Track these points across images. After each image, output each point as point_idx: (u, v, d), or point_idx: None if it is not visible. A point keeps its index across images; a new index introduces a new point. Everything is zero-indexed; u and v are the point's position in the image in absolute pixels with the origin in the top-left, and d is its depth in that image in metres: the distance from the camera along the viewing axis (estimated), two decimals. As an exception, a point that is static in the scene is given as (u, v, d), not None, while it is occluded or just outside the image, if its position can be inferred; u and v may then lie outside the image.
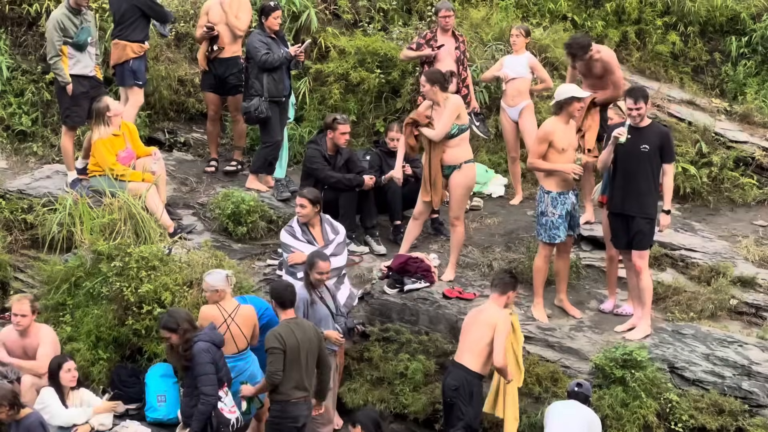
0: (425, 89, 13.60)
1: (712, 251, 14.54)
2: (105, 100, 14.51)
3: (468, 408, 11.69)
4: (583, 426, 11.32)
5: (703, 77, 18.12)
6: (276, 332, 11.31)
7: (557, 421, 11.36)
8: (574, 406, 11.46)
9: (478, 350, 11.72)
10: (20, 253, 14.57)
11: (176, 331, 11.25)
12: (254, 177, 15.46)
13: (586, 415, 11.43)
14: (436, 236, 14.88)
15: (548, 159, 12.97)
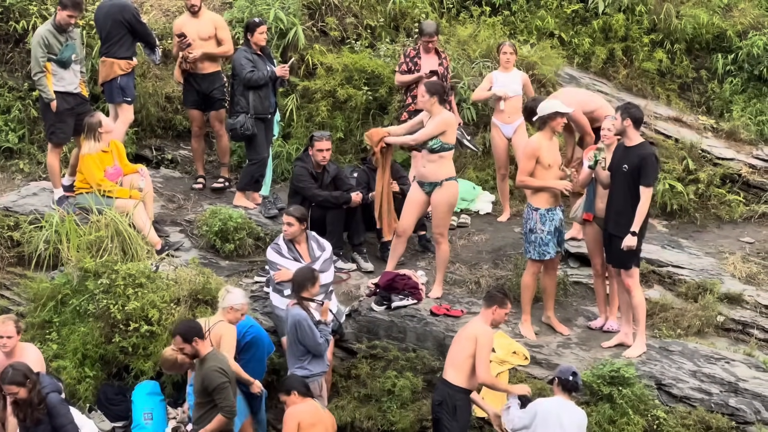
0: (423, 99, 13.57)
1: (699, 268, 14.56)
2: (98, 116, 14.51)
3: (453, 422, 11.66)
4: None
5: (690, 94, 18.16)
6: (215, 367, 11.27)
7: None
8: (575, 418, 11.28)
9: (459, 363, 11.68)
10: (6, 271, 14.52)
11: (25, 384, 10.92)
12: (241, 194, 15.44)
13: None
14: (423, 253, 14.87)
15: (535, 175, 13.00)
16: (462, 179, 15.71)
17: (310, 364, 12.09)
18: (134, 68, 15.50)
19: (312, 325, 12.01)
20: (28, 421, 10.87)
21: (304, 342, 11.97)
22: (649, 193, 12.47)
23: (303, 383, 11.67)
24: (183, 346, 11.30)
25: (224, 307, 12.22)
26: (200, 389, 11.35)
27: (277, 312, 13.14)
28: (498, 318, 11.86)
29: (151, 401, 12.95)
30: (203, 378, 11.28)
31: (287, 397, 11.59)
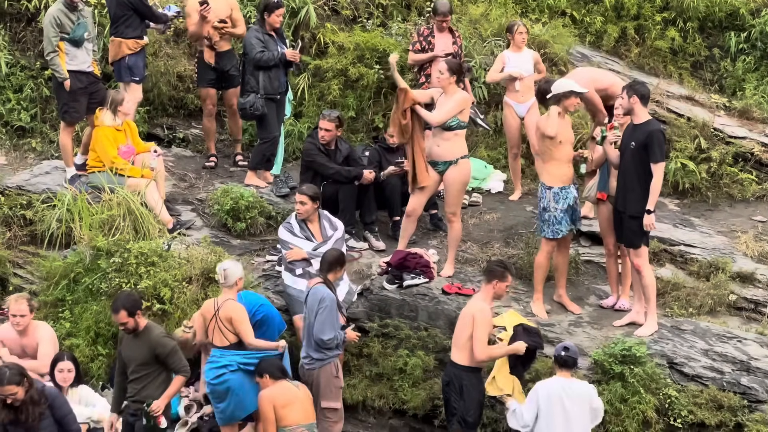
0: (443, 77, 13.52)
1: (711, 247, 14.55)
2: (124, 95, 14.58)
3: (460, 402, 11.69)
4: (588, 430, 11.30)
5: (702, 73, 18.12)
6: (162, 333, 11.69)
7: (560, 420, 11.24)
8: (576, 397, 11.27)
9: (461, 343, 11.72)
10: (19, 249, 14.56)
11: (22, 383, 10.51)
12: (253, 173, 15.46)
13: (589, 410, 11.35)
14: (434, 232, 14.88)
15: (547, 151, 12.96)
16: (474, 158, 15.69)
17: None
18: (144, 47, 15.49)
19: (336, 308, 12.04)
20: (30, 420, 10.53)
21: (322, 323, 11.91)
22: (660, 169, 12.44)
23: (277, 367, 11.71)
24: (127, 320, 11.41)
25: (231, 284, 12.23)
26: (146, 359, 11.46)
27: (288, 291, 13.16)
28: (499, 292, 11.85)
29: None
30: (154, 346, 11.42)
31: (260, 380, 11.68)
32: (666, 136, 13.04)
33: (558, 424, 11.20)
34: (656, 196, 12.48)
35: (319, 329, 11.89)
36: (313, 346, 12.00)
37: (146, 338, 11.49)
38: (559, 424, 11.19)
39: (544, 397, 11.29)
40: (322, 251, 12.88)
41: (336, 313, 12.05)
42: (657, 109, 16.41)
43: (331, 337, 11.90)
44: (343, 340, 12.18)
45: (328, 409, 12.08)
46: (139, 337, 11.50)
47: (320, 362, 11.99)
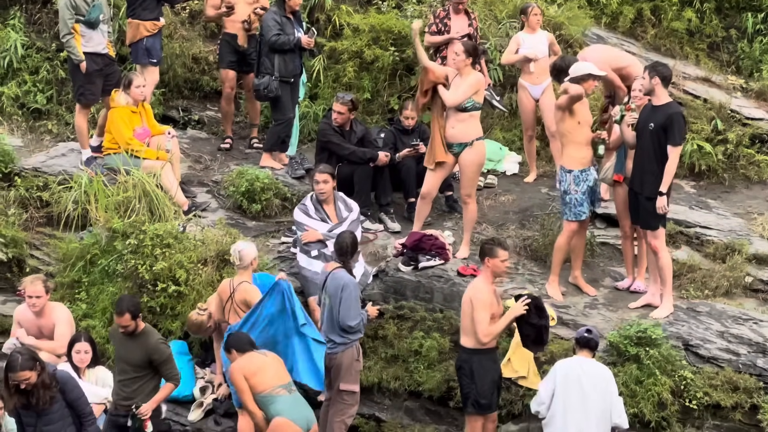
0: (459, 59, 13.47)
1: (728, 228, 14.51)
2: (139, 80, 14.60)
3: (471, 385, 11.69)
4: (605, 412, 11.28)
5: (719, 54, 18.03)
6: (161, 339, 11.65)
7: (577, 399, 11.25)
8: (595, 377, 11.24)
9: (465, 327, 11.73)
10: (36, 231, 14.62)
11: (35, 367, 10.45)
12: (268, 155, 15.47)
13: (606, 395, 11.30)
14: (450, 213, 14.88)
15: (566, 130, 12.94)
16: (489, 140, 15.68)
17: None
18: (161, 29, 15.51)
19: (358, 293, 12.06)
20: (41, 403, 10.51)
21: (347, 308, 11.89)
22: (677, 152, 12.41)
23: (245, 341, 11.62)
24: (129, 323, 11.35)
25: (246, 265, 12.27)
26: (140, 362, 11.41)
27: (303, 272, 13.18)
28: (494, 269, 11.73)
29: (179, 361, 12.98)
30: (151, 352, 11.37)
31: (228, 355, 11.63)
32: (685, 118, 12.99)
33: (574, 404, 11.16)
34: (670, 179, 12.45)
35: (345, 315, 11.88)
36: (336, 330, 11.99)
37: (143, 342, 11.43)
38: (576, 404, 11.15)
39: (561, 375, 11.26)
40: (337, 233, 12.88)
41: (358, 297, 12.07)
42: (673, 90, 16.33)
43: (357, 321, 11.93)
44: (365, 322, 12.20)
45: (346, 391, 12.10)
46: (135, 339, 11.43)
47: (343, 346, 12.00)
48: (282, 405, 11.32)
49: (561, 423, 11.25)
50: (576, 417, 11.16)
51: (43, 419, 10.59)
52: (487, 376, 11.69)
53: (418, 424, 12.84)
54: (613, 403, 11.23)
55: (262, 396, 11.36)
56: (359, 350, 12.20)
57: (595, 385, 11.17)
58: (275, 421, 11.29)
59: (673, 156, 12.37)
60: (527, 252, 14.13)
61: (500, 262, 11.69)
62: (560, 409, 11.25)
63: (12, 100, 16.50)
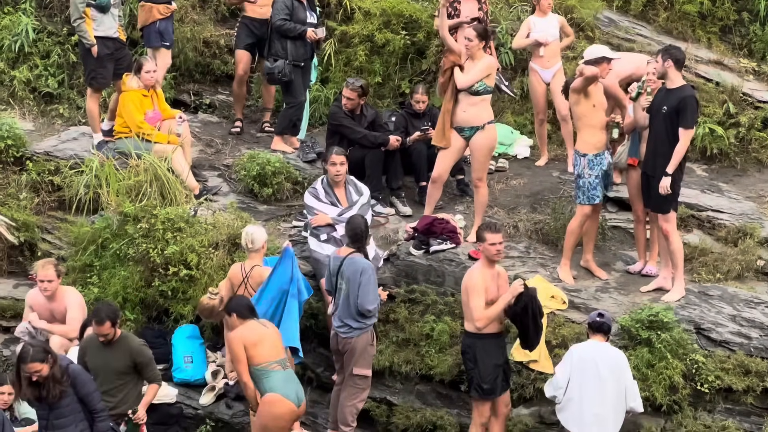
0: (472, 44, 13.40)
1: (739, 212, 14.47)
2: (150, 64, 14.60)
3: (475, 369, 11.73)
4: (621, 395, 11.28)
5: (731, 37, 17.94)
6: (141, 342, 11.60)
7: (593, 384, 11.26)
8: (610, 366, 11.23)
9: (465, 312, 11.80)
10: (48, 215, 14.66)
11: (46, 359, 10.40)
12: (280, 138, 15.47)
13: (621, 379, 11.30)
14: (461, 197, 14.86)
15: (581, 113, 12.90)
16: (500, 124, 15.65)
17: None
18: (173, 13, 15.50)
19: (375, 276, 12.07)
20: (50, 397, 10.47)
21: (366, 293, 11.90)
22: (688, 135, 12.39)
23: (246, 306, 11.52)
24: (109, 331, 11.20)
25: (258, 249, 12.28)
26: (124, 368, 11.31)
27: (314, 256, 13.18)
28: (486, 253, 11.71)
29: (191, 344, 13.07)
30: (135, 355, 11.29)
31: (229, 318, 11.52)
32: (699, 102, 12.95)
33: (591, 387, 11.19)
34: (678, 161, 12.42)
35: (364, 299, 11.89)
36: (352, 315, 12.00)
37: (125, 347, 11.31)
38: (592, 388, 11.19)
39: (577, 360, 11.30)
40: (347, 217, 12.89)
41: (376, 281, 12.09)
42: (685, 73, 16.19)
43: (375, 306, 11.96)
44: (378, 306, 12.24)
45: (359, 376, 12.13)
46: (114, 346, 11.28)
47: (358, 331, 12.03)
48: (276, 381, 11.27)
49: (577, 407, 11.28)
50: (593, 401, 11.20)
51: (54, 412, 10.56)
52: (490, 361, 11.68)
53: (429, 407, 12.85)
54: (628, 386, 11.25)
55: (257, 368, 11.29)
56: (373, 335, 12.23)
57: (611, 370, 11.20)
58: (269, 397, 11.25)
59: (684, 138, 12.35)
60: (538, 236, 14.11)
61: (489, 246, 11.66)
62: (576, 393, 11.28)
63: (23, 84, 16.51)
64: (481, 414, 11.83)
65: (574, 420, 11.34)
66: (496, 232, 11.74)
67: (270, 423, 11.29)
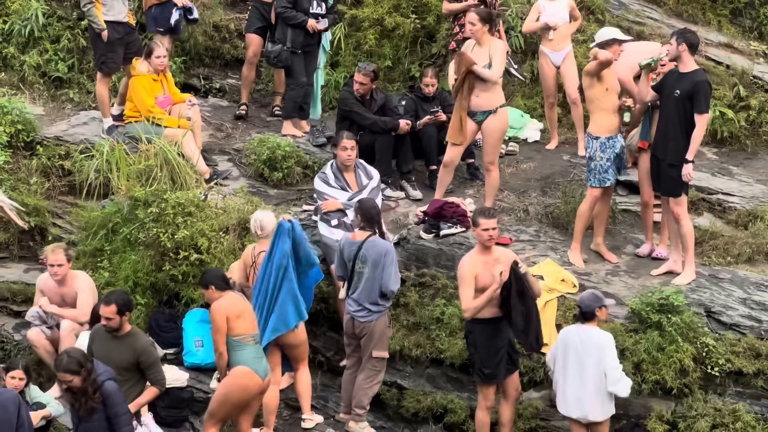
0: (475, 28, 13.41)
1: (750, 195, 14.46)
2: (160, 50, 14.59)
3: (475, 354, 11.74)
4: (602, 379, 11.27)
5: (742, 20, 17.90)
6: (150, 342, 11.55)
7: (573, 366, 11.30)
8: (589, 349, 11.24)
9: None
10: (58, 200, 14.69)
11: (79, 372, 10.18)
12: (289, 122, 15.47)
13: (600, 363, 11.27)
14: (471, 181, 14.86)
15: (594, 96, 12.89)
16: (510, 107, 15.62)
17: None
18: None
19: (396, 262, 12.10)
20: (81, 410, 10.33)
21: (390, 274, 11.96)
22: (704, 120, 12.39)
23: (221, 277, 11.52)
24: (114, 317, 10.99)
25: (267, 234, 12.26)
26: (127, 365, 11.10)
27: (324, 240, 13.18)
28: (479, 237, 11.61)
29: (201, 328, 13.07)
30: (140, 353, 11.11)
31: (206, 291, 11.50)
32: (711, 86, 12.92)
33: (571, 371, 11.30)
34: (697, 146, 12.43)
35: (388, 281, 11.97)
36: (374, 298, 12.03)
37: (132, 343, 11.15)
38: (573, 371, 11.29)
39: (561, 343, 11.44)
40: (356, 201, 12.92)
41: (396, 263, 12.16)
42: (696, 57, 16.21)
43: (398, 286, 12.06)
44: None
45: (377, 358, 12.20)
46: (121, 340, 11.12)
47: (377, 314, 12.08)
48: (248, 354, 11.38)
49: (561, 389, 11.46)
50: (573, 383, 11.32)
51: (83, 425, 10.46)
52: (491, 346, 11.65)
53: (439, 391, 12.86)
54: (607, 371, 11.23)
55: (234, 339, 11.35)
56: (389, 317, 12.28)
57: (590, 353, 11.24)
58: (240, 369, 11.36)
59: (700, 124, 12.35)
60: (549, 219, 14.10)
61: (482, 231, 11.53)
62: (560, 376, 11.43)
63: (33, 69, 16.51)
64: (486, 397, 11.83)
65: (560, 401, 11.53)
66: (490, 218, 11.58)
67: (235, 393, 11.43)
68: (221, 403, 11.51)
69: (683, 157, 12.43)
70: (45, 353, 12.71)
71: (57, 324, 12.65)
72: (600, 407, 11.32)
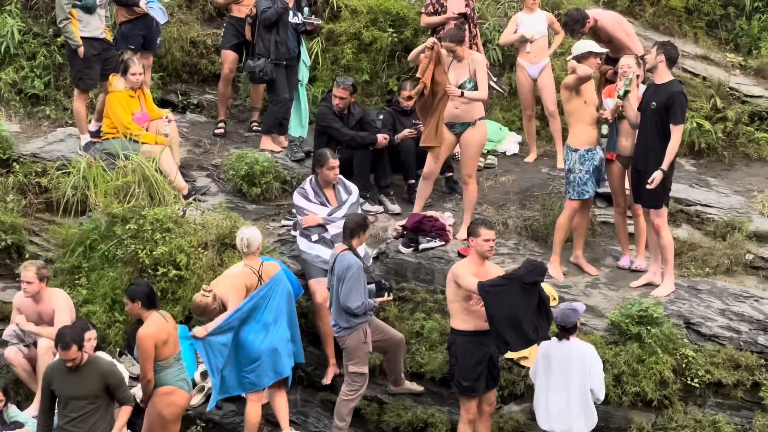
0: (458, 50, 13.40)
1: (728, 206, 14.51)
2: (136, 66, 14.54)
3: (455, 366, 11.74)
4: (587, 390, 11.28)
5: (718, 32, 17.99)
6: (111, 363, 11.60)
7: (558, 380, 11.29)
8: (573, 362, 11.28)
9: (450, 308, 11.82)
10: (35, 217, 14.61)
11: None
12: (268, 137, 15.45)
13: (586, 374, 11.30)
14: (450, 195, 14.86)
15: (572, 109, 12.92)
16: (489, 120, 15.63)
17: None
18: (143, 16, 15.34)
19: (362, 276, 11.99)
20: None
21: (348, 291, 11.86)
22: (679, 131, 12.42)
23: (147, 294, 11.30)
24: (76, 355, 10.88)
25: (254, 251, 12.17)
26: (96, 392, 11.02)
27: (303, 256, 13.16)
28: (478, 247, 11.60)
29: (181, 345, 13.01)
30: (106, 376, 11.05)
31: (131, 304, 11.26)
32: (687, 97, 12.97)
33: (556, 384, 11.30)
34: (672, 157, 12.45)
35: (346, 297, 11.88)
36: (342, 314, 12.01)
37: (95, 369, 11.07)
38: (557, 385, 11.28)
39: (543, 357, 11.43)
40: (337, 216, 12.95)
41: (363, 281, 12.01)
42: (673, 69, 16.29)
43: (358, 305, 11.90)
44: (373, 307, 12.20)
45: (355, 373, 12.16)
46: (83, 370, 11.00)
47: (348, 330, 12.03)
48: (171, 375, 11.34)
49: (544, 404, 11.43)
50: (557, 397, 11.30)
51: None
52: (471, 359, 11.62)
53: (420, 405, 12.83)
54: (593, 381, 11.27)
55: (158, 363, 11.28)
56: (366, 332, 12.18)
57: (574, 366, 11.25)
58: (166, 389, 11.32)
59: (675, 134, 12.38)
60: (528, 232, 14.11)
61: (483, 241, 11.55)
62: (543, 390, 11.42)
63: (9, 86, 16.45)
64: (468, 410, 11.81)
65: (543, 416, 11.46)
66: (490, 229, 11.67)
67: (167, 411, 11.38)
68: (156, 425, 11.43)
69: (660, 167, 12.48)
70: (23, 372, 12.64)
71: (34, 342, 12.58)
72: (584, 420, 11.32)
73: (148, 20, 15.43)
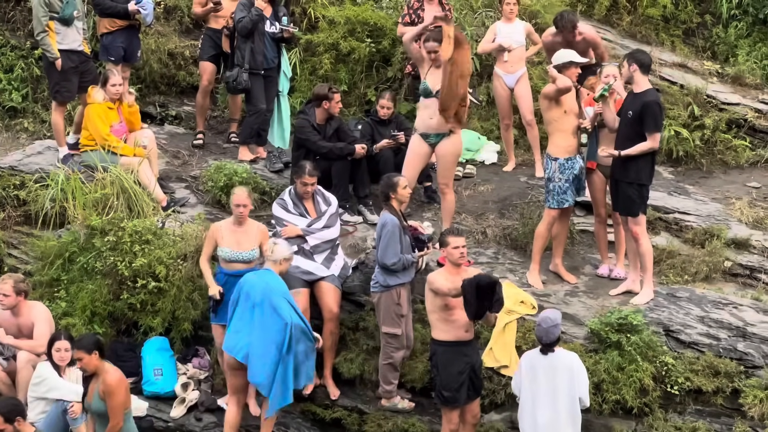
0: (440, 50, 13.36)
1: (706, 214, 14.55)
2: (116, 78, 14.49)
3: (437, 376, 11.79)
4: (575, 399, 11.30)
5: (695, 40, 18.06)
6: None
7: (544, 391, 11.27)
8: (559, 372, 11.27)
9: (430, 317, 11.91)
10: (13, 230, 14.57)
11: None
12: (245, 148, 15.44)
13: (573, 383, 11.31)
14: (429, 204, 14.87)
15: (552, 118, 12.94)
16: (467, 130, 15.67)
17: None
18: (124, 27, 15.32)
19: (398, 232, 12.37)
20: None
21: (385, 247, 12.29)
22: (653, 137, 12.44)
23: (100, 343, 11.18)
24: (4, 427, 10.56)
25: (276, 260, 12.15)
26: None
27: (284, 266, 13.15)
28: (449, 256, 11.80)
29: (160, 357, 13.02)
30: None
31: (88, 356, 11.00)
32: (662, 106, 13.00)
33: (542, 394, 11.26)
34: (639, 151, 12.44)
35: (383, 254, 12.33)
36: (381, 272, 12.42)
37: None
38: (544, 394, 11.25)
39: (527, 368, 11.38)
40: (316, 227, 13.00)
41: (398, 237, 12.37)
42: (650, 77, 16.33)
43: (395, 260, 12.29)
44: (412, 263, 12.57)
45: (388, 334, 12.48)
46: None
47: (383, 288, 12.40)
48: (131, 423, 11.30)
49: (529, 415, 11.37)
50: (545, 408, 11.26)
51: None
52: (452, 369, 11.67)
53: (401, 415, 12.83)
54: (581, 389, 11.28)
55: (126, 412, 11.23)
56: (400, 294, 12.44)
57: (561, 377, 11.23)
58: None
59: (650, 139, 12.42)
60: (507, 241, 14.13)
61: (452, 249, 11.75)
62: (529, 402, 11.37)
63: (-14, 99, 16.46)
64: (449, 420, 11.83)
65: (529, 426, 11.40)
66: (458, 236, 11.84)
67: None
68: None
69: (641, 175, 12.53)
70: (2, 385, 12.58)
71: (13, 355, 12.54)
72: (572, 429, 11.31)
73: (130, 32, 15.43)
